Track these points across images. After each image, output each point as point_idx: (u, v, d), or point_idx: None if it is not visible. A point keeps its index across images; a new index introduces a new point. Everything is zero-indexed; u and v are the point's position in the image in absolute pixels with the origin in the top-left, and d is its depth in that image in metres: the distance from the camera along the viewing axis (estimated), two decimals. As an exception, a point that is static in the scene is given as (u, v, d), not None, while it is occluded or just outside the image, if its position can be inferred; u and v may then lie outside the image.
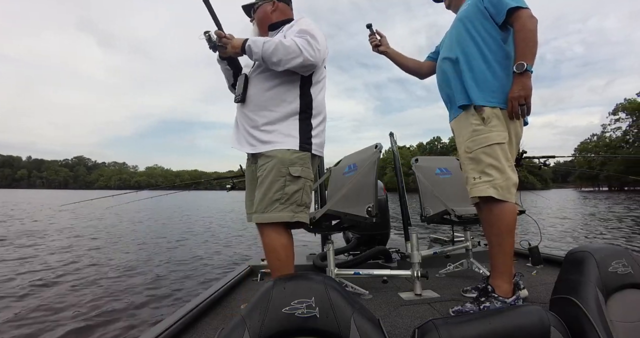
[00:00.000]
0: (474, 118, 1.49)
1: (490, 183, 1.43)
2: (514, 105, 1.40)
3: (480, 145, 1.46)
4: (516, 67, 1.37)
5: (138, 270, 4.82)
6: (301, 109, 1.44)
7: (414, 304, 1.70)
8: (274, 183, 1.36)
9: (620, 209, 14.64)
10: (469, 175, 1.51)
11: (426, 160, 2.75)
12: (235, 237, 8.14)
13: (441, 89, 1.73)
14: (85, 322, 2.89)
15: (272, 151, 1.39)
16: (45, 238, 7.61)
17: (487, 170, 1.45)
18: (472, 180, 1.49)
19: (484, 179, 1.45)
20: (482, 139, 1.46)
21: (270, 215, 1.35)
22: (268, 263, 1.43)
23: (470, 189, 1.50)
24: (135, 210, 15.98)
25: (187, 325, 1.46)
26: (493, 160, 1.44)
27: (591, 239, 7.17)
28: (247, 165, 1.61)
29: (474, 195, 1.49)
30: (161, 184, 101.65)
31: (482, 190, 1.44)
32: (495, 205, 1.44)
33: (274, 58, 1.33)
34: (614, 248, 1.09)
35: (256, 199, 1.40)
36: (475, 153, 1.48)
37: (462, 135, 1.56)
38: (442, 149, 78.17)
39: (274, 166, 1.37)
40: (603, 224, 9.49)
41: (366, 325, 0.75)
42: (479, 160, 1.47)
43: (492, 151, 1.44)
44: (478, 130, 1.48)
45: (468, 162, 1.52)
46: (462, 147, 1.56)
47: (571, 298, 0.97)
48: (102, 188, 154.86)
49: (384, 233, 2.74)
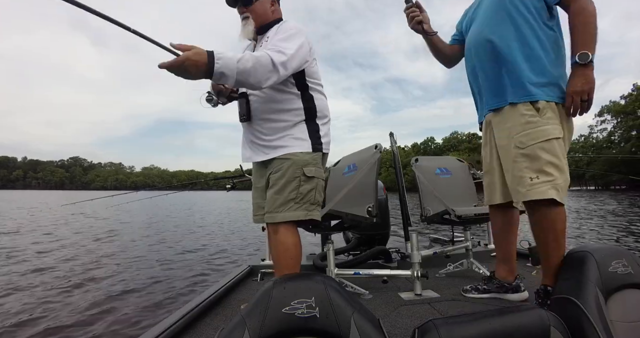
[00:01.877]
0: (526, 108, 1.31)
1: (551, 184, 1.26)
2: (576, 100, 1.24)
3: (536, 139, 1.28)
4: (579, 56, 1.21)
5: (138, 270, 4.81)
6: (306, 113, 1.45)
7: (414, 304, 1.70)
8: (289, 184, 1.38)
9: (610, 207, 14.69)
10: (523, 174, 1.31)
11: (426, 160, 2.75)
12: (236, 237, 8.14)
13: (476, 76, 1.52)
14: (84, 322, 2.89)
15: (286, 154, 1.41)
16: (45, 236, 7.61)
17: (547, 168, 1.27)
18: (528, 181, 1.29)
19: (544, 179, 1.27)
20: (538, 133, 1.29)
21: (285, 214, 1.37)
22: (278, 262, 1.41)
23: (527, 191, 1.29)
24: (136, 210, 15.98)
25: (187, 325, 1.46)
26: (552, 157, 1.27)
27: (591, 239, 7.17)
28: (255, 170, 1.61)
29: (532, 199, 1.28)
30: (158, 185, 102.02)
31: (543, 192, 1.26)
32: (552, 208, 1.28)
33: (251, 79, 1.21)
34: (614, 248, 1.09)
35: (269, 200, 1.41)
36: (531, 148, 1.29)
37: (509, 129, 1.37)
38: (435, 149, 78.55)
39: (289, 167, 1.39)
40: (602, 223, 9.49)
41: (366, 325, 0.75)
42: (536, 157, 1.28)
43: (551, 147, 1.28)
44: (533, 122, 1.29)
45: (521, 160, 1.32)
46: (511, 142, 1.36)
47: (571, 298, 0.97)
48: (99, 189, 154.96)
49: (384, 233, 2.74)
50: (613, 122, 53.99)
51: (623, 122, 50.74)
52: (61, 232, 8.93)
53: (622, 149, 48.03)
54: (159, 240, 7.64)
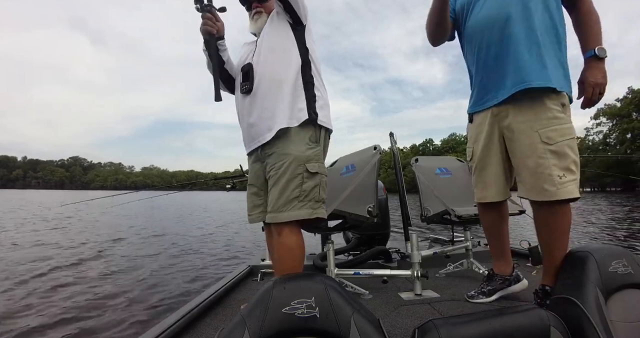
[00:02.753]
0: (553, 103, 1.27)
1: (575, 183, 1.25)
2: (596, 91, 1.24)
3: (565, 136, 1.26)
4: (598, 50, 1.23)
5: (138, 269, 4.81)
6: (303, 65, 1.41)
7: (414, 304, 1.70)
8: (292, 181, 1.32)
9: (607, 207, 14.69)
10: (552, 171, 1.25)
11: (426, 160, 2.75)
12: (235, 237, 8.14)
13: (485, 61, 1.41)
14: (84, 322, 2.89)
15: (285, 148, 1.35)
16: (46, 237, 7.61)
17: (572, 167, 1.26)
18: (557, 179, 1.24)
19: (570, 178, 1.25)
20: (566, 130, 1.26)
21: (290, 214, 1.31)
22: (280, 264, 1.36)
23: (557, 190, 1.24)
24: (137, 210, 15.98)
25: (187, 325, 1.46)
26: (576, 156, 1.26)
27: (591, 239, 7.17)
28: (250, 163, 1.54)
29: (561, 197, 1.24)
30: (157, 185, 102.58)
31: (570, 191, 1.24)
32: (568, 206, 1.28)
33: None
34: (614, 248, 1.09)
35: (272, 198, 1.35)
36: (560, 146, 1.25)
37: (531, 122, 1.30)
38: (434, 151, 78.72)
39: (290, 163, 1.33)
40: (601, 223, 9.49)
41: (366, 325, 0.75)
42: (565, 155, 1.25)
43: (574, 145, 1.27)
44: (561, 119, 1.26)
45: (550, 156, 1.26)
46: (534, 136, 1.29)
47: (571, 298, 0.97)
48: (99, 188, 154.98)
49: (384, 233, 2.74)
50: (608, 124, 54.75)
51: (618, 125, 51.35)
52: (62, 232, 8.93)
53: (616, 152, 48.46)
54: (160, 240, 7.64)
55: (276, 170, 1.35)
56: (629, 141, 48.15)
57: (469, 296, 1.70)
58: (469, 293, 1.72)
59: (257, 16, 1.52)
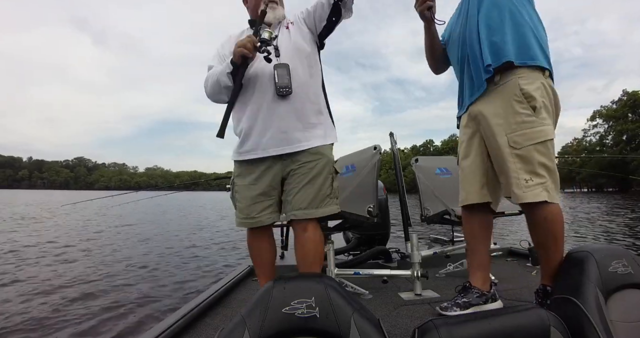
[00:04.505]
0: (521, 106, 1.29)
1: (542, 186, 1.27)
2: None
3: (532, 140, 1.27)
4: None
5: (138, 269, 4.81)
6: (325, 98, 1.52)
7: (414, 304, 1.70)
8: (327, 180, 1.42)
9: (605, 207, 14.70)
10: (519, 175, 1.29)
11: (426, 160, 2.75)
12: (235, 237, 8.14)
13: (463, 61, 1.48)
14: (84, 322, 2.89)
15: (318, 147, 1.42)
16: (46, 237, 7.61)
17: (539, 170, 1.27)
18: (523, 183, 1.28)
19: (537, 181, 1.27)
20: (535, 133, 1.28)
21: (324, 210, 1.39)
22: (308, 259, 1.38)
23: (523, 193, 1.28)
24: (138, 211, 15.99)
25: (187, 325, 1.46)
26: (545, 159, 1.28)
27: (591, 239, 7.17)
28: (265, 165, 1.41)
29: (527, 201, 1.28)
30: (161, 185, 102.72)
31: (537, 194, 1.26)
32: (547, 209, 1.28)
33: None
34: (614, 248, 1.10)
35: (305, 196, 1.36)
36: (527, 150, 1.28)
37: (502, 126, 1.33)
38: (434, 152, 78.78)
39: (326, 164, 1.42)
40: (601, 224, 9.49)
41: (366, 325, 0.75)
42: (530, 159, 1.28)
43: (545, 148, 1.28)
44: (528, 122, 1.28)
45: (515, 160, 1.30)
46: (502, 140, 1.32)
47: (571, 298, 0.97)
48: (103, 189, 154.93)
49: (384, 233, 2.74)
50: (605, 126, 55.62)
51: (613, 127, 52.01)
52: (62, 232, 8.93)
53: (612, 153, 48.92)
54: (159, 240, 7.64)
55: (309, 169, 1.38)
56: (624, 143, 48.92)
57: (442, 308, 1.50)
58: (443, 305, 1.53)
59: (274, 6, 1.48)
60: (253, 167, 1.44)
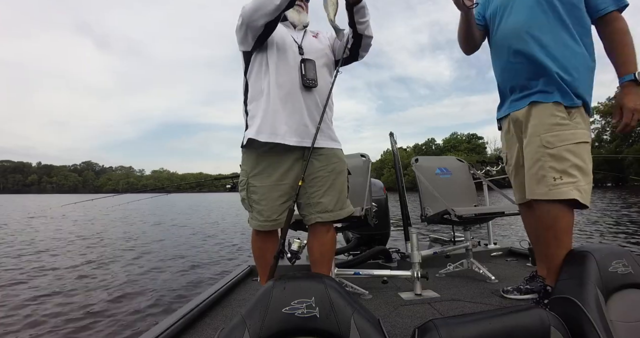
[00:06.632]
0: (558, 110, 1.32)
1: (574, 185, 1.27)
2: (635, 118, 1.26)
3: (565, 141, 1.29)
4: (639, 75, 1.24)
5: (138, 269, 4.81)
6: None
7: (414, 304, 1.70)
8: (345, 182, 1.47)
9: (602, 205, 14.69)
10: (547, 173, 1.31)
11: (426, 160, 2.75)
12: (235, 237, 8.14)
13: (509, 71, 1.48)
14: (84, 322, 2.89)
15: (337, 150, 1.46)
16: (47, 237, 7.62)
17: (571, 170, 1.28)
18: (551, 180, 1.30)
19: (567, 180, 1.28)
20: (568, 135, 1.30)
21: (347, 210, 1.44)
22: (326, 259, 1.41)
23: (549, 190, 1.30)
24: (141, 211, 15.98)
25: (187, 325, 1.46)
26: (579, 160, 1.29)
27: (591, 239, 7.16)
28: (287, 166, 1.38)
29: (552, 198, 1.29)
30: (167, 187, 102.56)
31: (565, 192, 1.27)
32: (556, 207, 1.29)
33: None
34: (614, 248, 1.09)
35: (332, 198, 1.39)
36: (558, 150, 1.30)
37: (535, 127, 1.36)
38: (436, 150, 78.75)
39: (343, 166, 1.47)
40: (600, 223, 9.48)
41: (366, 325, 0.75)
42: (562, 159, 1.29)
43: (578, 150, 1.29)
44: (563, 125, 1.31)
45: (547, 159, 1.31)
46: (536, 140, 1.35)
47: (571, 298, 0.97)
48: (110, 192, 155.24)
49: (384, 233, 2.73)
50: (601, 122, 55.76)
51: (609, 124, 52.26)
52: (63, 232, 8.94)
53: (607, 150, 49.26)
54: (159, 240, 7.64)
55: (329, 171, 1.40)
56: (619, 139, 49.26)
57: (504, 291, 1.74)
58: (505, 288, 1.75)
59: (300, 10, 1.52)
60: (278, 161, 1.37)
